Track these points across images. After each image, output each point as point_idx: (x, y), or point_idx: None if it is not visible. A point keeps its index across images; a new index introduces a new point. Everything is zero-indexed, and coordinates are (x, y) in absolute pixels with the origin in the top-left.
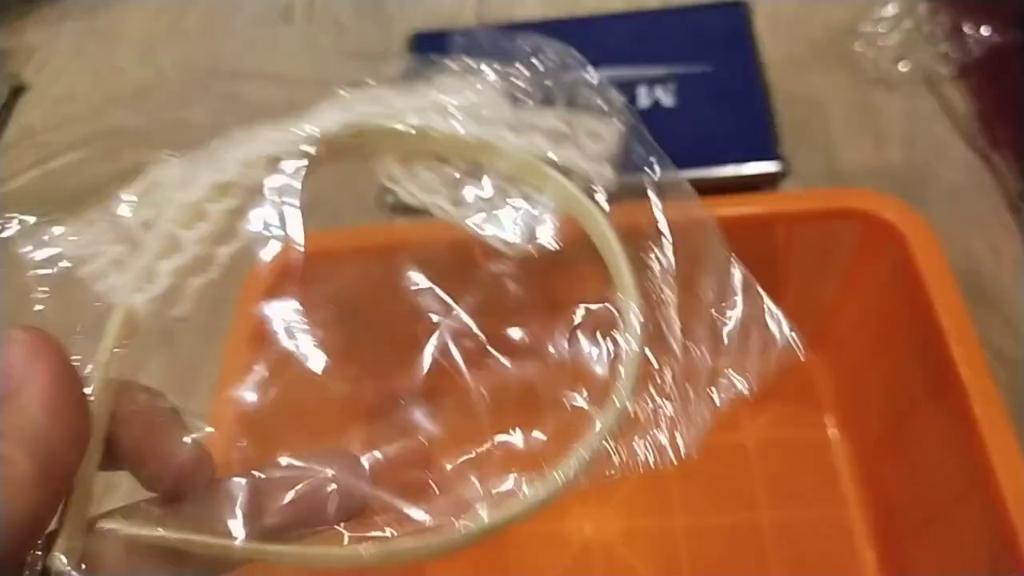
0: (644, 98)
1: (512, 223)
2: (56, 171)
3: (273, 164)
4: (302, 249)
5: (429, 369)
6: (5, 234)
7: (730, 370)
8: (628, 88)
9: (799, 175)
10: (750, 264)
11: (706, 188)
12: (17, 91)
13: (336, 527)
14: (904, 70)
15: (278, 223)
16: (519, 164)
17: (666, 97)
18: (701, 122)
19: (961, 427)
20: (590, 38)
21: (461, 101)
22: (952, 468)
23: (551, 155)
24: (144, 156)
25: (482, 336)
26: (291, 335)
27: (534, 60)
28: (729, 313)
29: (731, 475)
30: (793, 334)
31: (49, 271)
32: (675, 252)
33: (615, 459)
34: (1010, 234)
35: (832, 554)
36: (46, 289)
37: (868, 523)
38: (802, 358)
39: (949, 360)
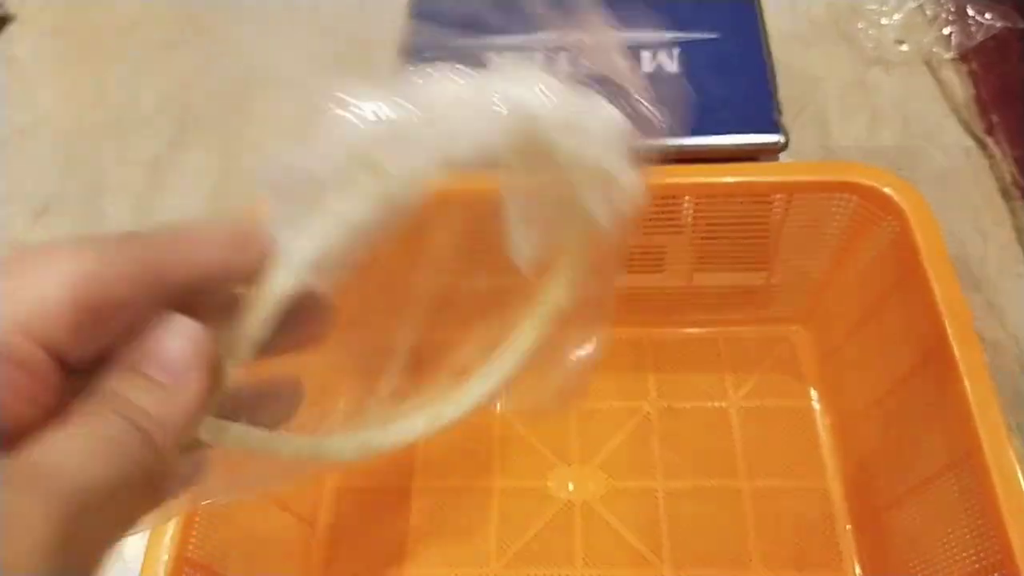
0: (648, 63)
1: None
2: None
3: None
4: None
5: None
6: None
7: None
8: (633, 52)
9: (794, 149)
10: (746, 234)
11: (705, 156)
12: (2, 21)
13: None
14: (904, 51)
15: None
16: None
17: (670, 63)
18: (703, 90)
19: (948, 402)
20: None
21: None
22: (936, 442)
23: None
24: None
25: None
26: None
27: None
28: None
29: (713, 441)
30: None
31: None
32: None
33: None
34: (999, 219)
35: (810, 523)
36: None
37: (846, 494)
38: None
39: (941, 334)
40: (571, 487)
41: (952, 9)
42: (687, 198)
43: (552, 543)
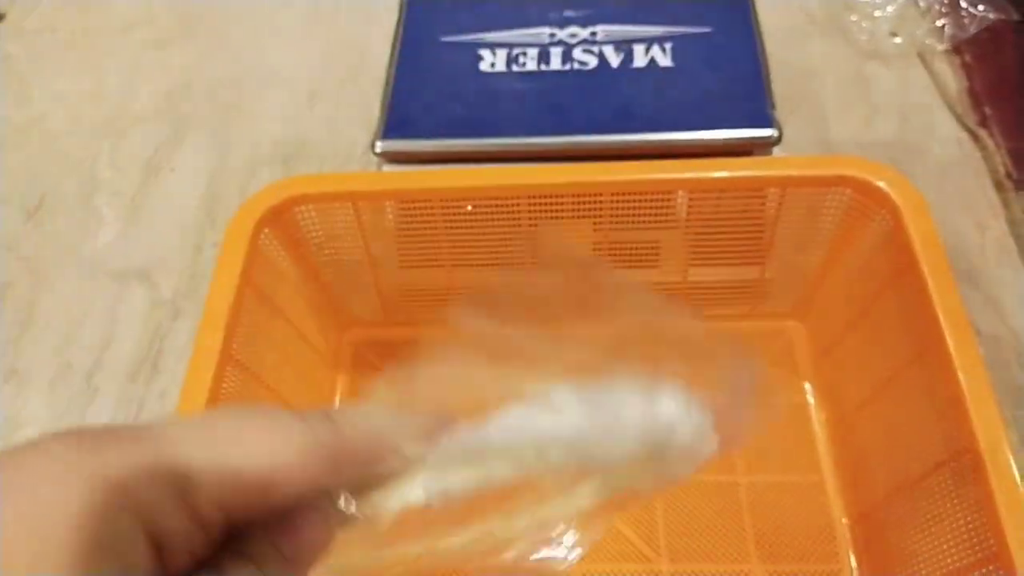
0: (640, 57)
1: None
2: None
3: None
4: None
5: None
6: None
7: None
8: (625, 46)
9: (789, 144)
10: (740, 229)
11: (699, 151)
12: None
13: None
14: (898, 43)
15: None
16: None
17: (663, 57)
18: (696, 84)
19: (944, 396)
20: None
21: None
22: (931, 436)
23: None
24: None
25: None
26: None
27: None
28: None
29: None
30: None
31: None
32: None
33: None
34: (995, 212)
35: (807, 517)
36: None
37: (842, 488)
38: None
39: (935, 328)
40: None
41: (945, 1)
42: (681, 193)
43: None
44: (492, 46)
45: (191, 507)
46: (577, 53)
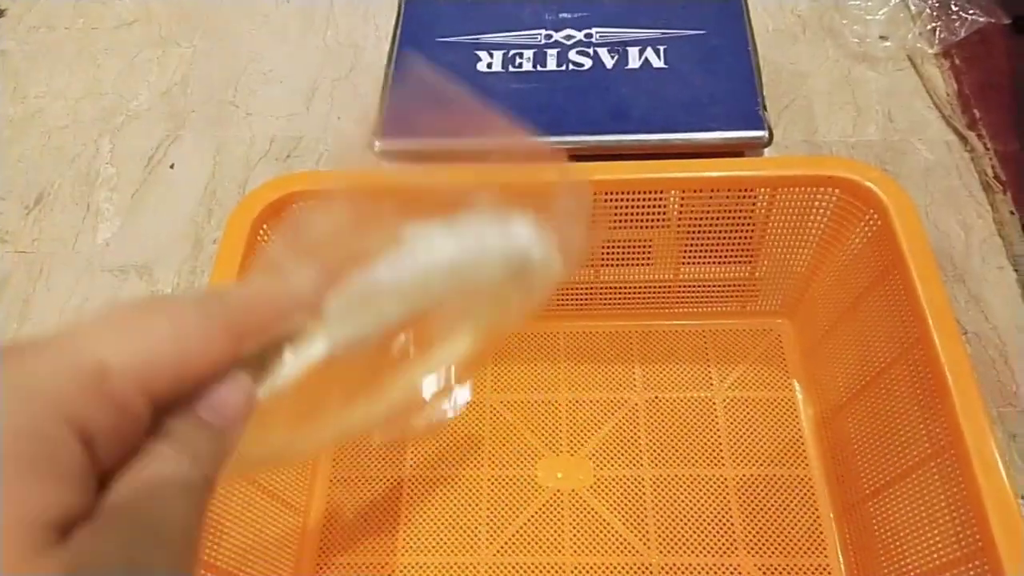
0: (634, 59)
1: None
2: None
3: None
4: None
5: None
6: None
7: None
8: (619, 48)
9: (779, 145)
10: (730, 229)
11: (690, 151)
12: None
13: None
14: (888, 46)
15: None
16: None
17: (656, 59)
18: (689, 86)
19: (931, 393)
20: None
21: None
22: (918, 432)
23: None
24: None
25: None
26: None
27: None
28: None
29: (698, 431)
30: None
31: None
32: None
33: None
34: (981, 213)
35: (794, 511)
36: None
37: (829, 483)
38: None
39: (922, 326)
40: (560, 476)
41: (936, 4)
42: (673, 192)
43: (541, 532)
44: (489, 47)
45: (111, 398)
46: (572, 55)
